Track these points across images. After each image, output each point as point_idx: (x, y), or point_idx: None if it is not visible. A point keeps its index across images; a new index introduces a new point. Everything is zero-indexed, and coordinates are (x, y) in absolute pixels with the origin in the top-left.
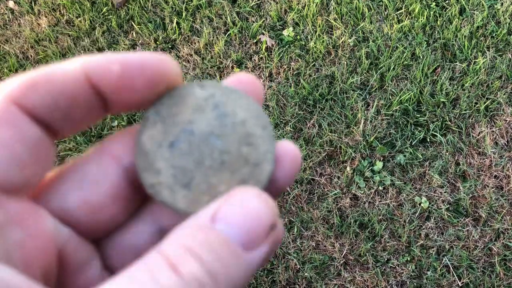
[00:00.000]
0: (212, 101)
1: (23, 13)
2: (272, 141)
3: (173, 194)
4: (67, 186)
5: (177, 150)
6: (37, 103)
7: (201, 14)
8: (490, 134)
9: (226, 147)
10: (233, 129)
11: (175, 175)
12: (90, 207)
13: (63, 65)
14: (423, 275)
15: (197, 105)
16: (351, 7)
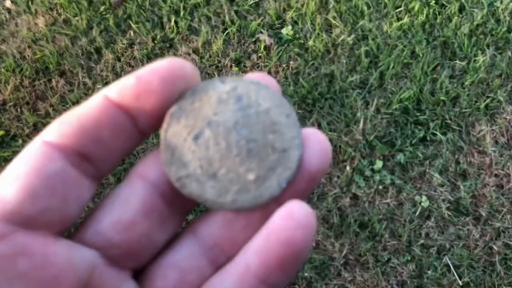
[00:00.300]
0: (235, 94)
1: (20, 13)
2: (298, 128)
3: (201, 185)
4: (99, 211)
5: (202, 142)
6: (65, 137)
7: (199, 13)
8: (490, 132)
9: (252, 135)
10: (258, 119)
11: (202, 166)
12: (121, 226)
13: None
14: (424, 274)
15: (220, 98)
16: (350, 5)
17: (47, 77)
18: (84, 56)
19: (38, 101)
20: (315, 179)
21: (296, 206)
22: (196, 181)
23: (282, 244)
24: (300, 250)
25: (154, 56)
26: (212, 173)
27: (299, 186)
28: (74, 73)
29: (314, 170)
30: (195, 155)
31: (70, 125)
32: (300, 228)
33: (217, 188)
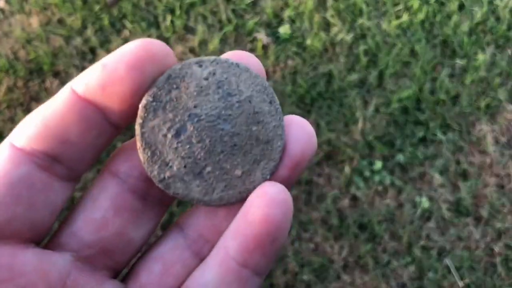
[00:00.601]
0: (214, 80)
1: (13, 13)
2: (280, 115)
3: (186, 185)
4: (73, 212)
5: (185, 138)
6: (30, 139)
7: (195, 12)
8: (490, 132)
9: (236, 129)
10: (240, 109)
11: (186, 165)
12: (93, 225)
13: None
14: (424, 276)
15: (199, 85)
16: (349, 3)
17: (41, 78)
18: (78, 56)
19: (32, 102)
20: (298, 167)
21: (269, 185)
22: (181, 181)
23: (258, 223)
24: (277, 228)
25: None
26: (197, 172)
27: (283, 174)
28: (68, 73)
29: (297, 159)
30: (178, 153)
31: (36, 126)
32: (275, 205)
33: (203, 187)
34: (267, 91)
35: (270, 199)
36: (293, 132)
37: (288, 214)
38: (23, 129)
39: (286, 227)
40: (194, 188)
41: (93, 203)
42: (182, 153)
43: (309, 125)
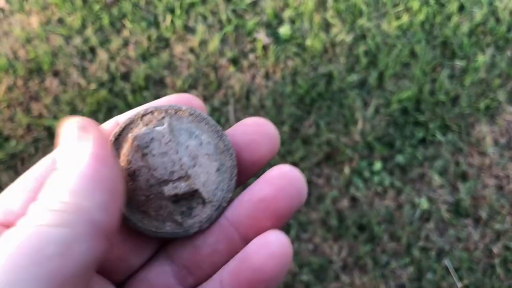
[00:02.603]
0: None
1: (13, 12)
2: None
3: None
4: None
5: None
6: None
7: (195, 12)
8: (490, 133)
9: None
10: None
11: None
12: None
13: None
14: (423, 277)
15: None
16: (349, 4)
17: (41, 77)
18: (78, 56)
19: (31, 102)
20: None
21: (273, 235)
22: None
23: (253, 271)
24: (271, 279)
25: (149, 55)
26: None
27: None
28: (68, 73)
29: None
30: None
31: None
32: (273, 258)
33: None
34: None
35: (271, 252)
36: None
37: (286, 267)
38: (15, 197)
39: (280, 279)
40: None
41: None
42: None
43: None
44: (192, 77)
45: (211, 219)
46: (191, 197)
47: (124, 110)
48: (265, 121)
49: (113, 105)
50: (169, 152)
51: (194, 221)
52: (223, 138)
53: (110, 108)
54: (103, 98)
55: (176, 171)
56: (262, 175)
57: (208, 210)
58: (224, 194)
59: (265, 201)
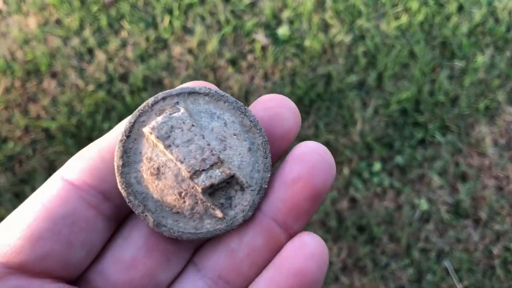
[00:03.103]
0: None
1: (11, 13)
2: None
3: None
4: (103, 250)
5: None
6: (84, 173)
7: (194, 12)
8: (489, 134)
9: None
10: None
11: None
12: (123, 265)
13: None
14: (423, 278)
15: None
16: (348, 5)
17: (38, 79)
18: (76, 57)
19: (29, 103)
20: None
21: (308, 237)
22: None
23: (293, 276)
24: (312, 282)
25: (147, 56)
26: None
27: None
28: (66, 74)
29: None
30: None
31: (91, 159)
32: (312, 259)
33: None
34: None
35: (308, 253)
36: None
37: (324, 268)
38: (77, 162)
39: (321, 280)
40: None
41: (125, 241)
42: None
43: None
44: (191, 78)
45: (255, 205)
46: (228, 185)
47: (122, 111)
48: (284, 96)
49: (111, 106)
50: (194, 139)
51: (236, 212)
52: (247, 114)
53: (108, 109)
54: (101, 99)
55: (207, 158)
56: (287, 155)
57: (249, 196)
58: (262, 175)
59: (301, 180)
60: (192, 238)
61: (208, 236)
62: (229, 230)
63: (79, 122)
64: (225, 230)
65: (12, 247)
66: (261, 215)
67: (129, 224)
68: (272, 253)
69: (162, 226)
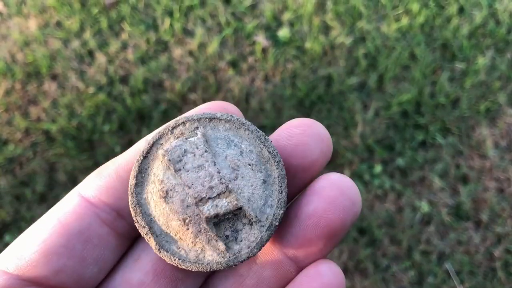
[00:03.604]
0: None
1: (11, 15)
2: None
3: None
4: (114, 269)
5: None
6: (101, 191)
7: (194, 15)
8: (490, 136)
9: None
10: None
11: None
12: (130, 286)
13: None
14: (424, 281)
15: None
16: (348, 7)
17: (39, 81)
18: (76, 59)
19: (30, 105)
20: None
21: (324, 266)
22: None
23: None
24: None
25: (148, 58)
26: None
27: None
28: (66, 76)
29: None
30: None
31: (108, 176)
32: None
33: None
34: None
35: (325, 283)
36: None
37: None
38: (94, 179)
39: None
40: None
41: (135, 262)
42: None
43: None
44: (191, 80)
45: (262, 242)
46: (235, 217)
47: (123, 113)
48: (313, 121)
49: (112, 108)
50: (205, 165)
51: (241, 247)
52: (266, 145)
53: (109, 111)
54: (101, 101)
55: (215, 186)
56: (307, 187)
57: (257, 232)
58: (275, 211)
59: (315, 216)
60: (192, 268)
61: (208, 269)
62: (231, 265)
63: (80, 125)
64: (226, 265)
65: (28, 261)
66: (272, 246)
67: (140, 246)
68: (281, 283)
69: (164, 251)
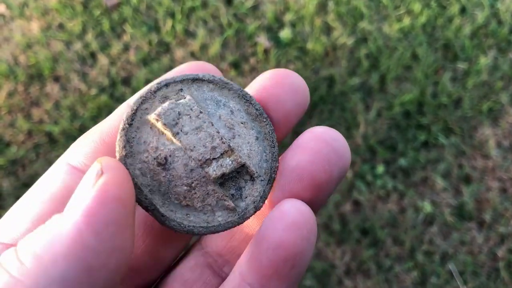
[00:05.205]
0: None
1: (14, 18)
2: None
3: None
4: None
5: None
6: (88, 158)
7: (196, 16)
8: (493, 136)
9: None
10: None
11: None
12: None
13: None
14: (427, 281)
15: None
16: (350, 7)
17: (41, 83)
18: (79, 61)
19: (32, 107)
20: (322, 188)
21: (288, 205)
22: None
23: (273, 249)
24: (296, 254)
25: (150, 60)
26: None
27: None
28: (69, 78)
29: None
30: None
31: (93, 142)
32: (292, 229)
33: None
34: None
35: (289, 223)
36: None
37: (310, 238)
38: (79, 147)
39: (308, 252)
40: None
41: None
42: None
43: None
44: None
45: (265, 196)
46: (238, 175)
47: None
48: (288, 71)
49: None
50: (203, 126)
51: (247, 203)
52: (252, 103)
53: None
54: (104, 103)
55: (218, 146)
56: (293, 142)
57: (259, 186)
58: (271, 164)
59: (299, 168)
60: (204, 232)
61: (220, 229)
62: (241, 222)
63: (82, 126)
64: (237, 223)
65: (23, 232)
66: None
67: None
68: None
69: (171, 221)
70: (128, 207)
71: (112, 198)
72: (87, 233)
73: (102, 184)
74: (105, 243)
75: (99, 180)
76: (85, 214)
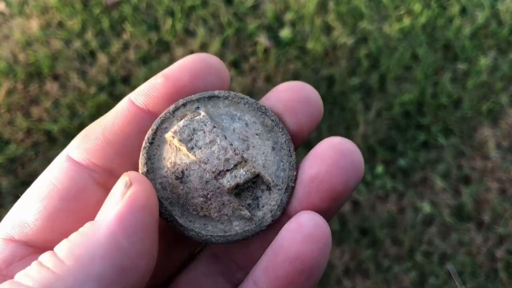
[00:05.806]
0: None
1: (13, 16)
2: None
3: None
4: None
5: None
6: (90, 153)
7: (196, 15)
8: (492, 136)
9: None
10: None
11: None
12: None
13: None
14: (426, 282)
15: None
16: (350, 7)
17: (41, 81)
18: (78, 59)
19: (31, 106)
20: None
21: (305, 217)
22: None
23: (290, 260)
24: (311, 266)
25: (149, 59)
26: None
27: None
28: (68, 76)
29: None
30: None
31: (96, 139)
32: (310, 242)
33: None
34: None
35: (306, 236)
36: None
37: (326, 250)
38: (82, 143)
39: (323, 263)
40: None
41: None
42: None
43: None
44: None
45: (283, 205)
46: (253, 185)
47: None
48: (302, 84)
49: None
50: (216, 140)
51: (264, 212)
52: (268, 114)
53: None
54: (103, 101)
55: (231, 158)
56: (309, 152)
57: (276, 195)
58: (288, 173)
59: (318, 180)
60: (222, 241)
61: (238, 238)
62: (258, 231)
63: (81, 125)
64: (254, 232)
65: (32, 227)
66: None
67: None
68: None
69: (190, 231)
70: (154, 215)
71: (141, 206)
72: (120, 235)
73: (132, 193)
74: (135, 246)
75: (129, 190)
76: (118, 218)
